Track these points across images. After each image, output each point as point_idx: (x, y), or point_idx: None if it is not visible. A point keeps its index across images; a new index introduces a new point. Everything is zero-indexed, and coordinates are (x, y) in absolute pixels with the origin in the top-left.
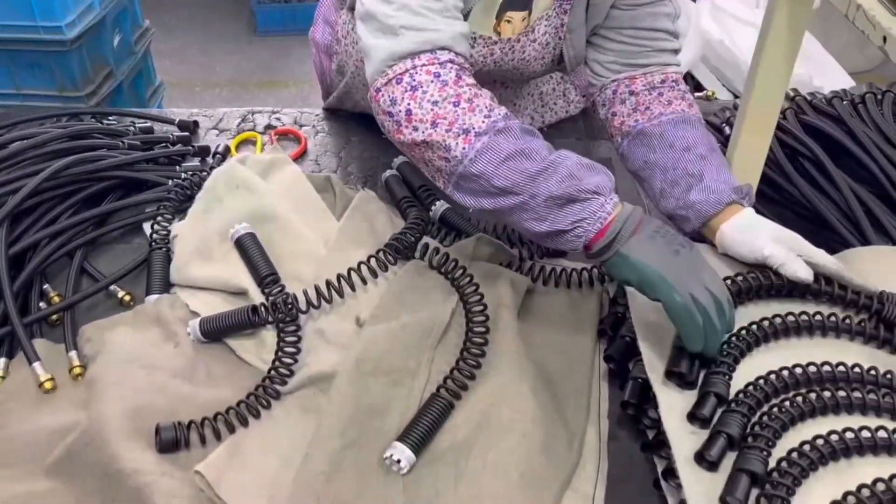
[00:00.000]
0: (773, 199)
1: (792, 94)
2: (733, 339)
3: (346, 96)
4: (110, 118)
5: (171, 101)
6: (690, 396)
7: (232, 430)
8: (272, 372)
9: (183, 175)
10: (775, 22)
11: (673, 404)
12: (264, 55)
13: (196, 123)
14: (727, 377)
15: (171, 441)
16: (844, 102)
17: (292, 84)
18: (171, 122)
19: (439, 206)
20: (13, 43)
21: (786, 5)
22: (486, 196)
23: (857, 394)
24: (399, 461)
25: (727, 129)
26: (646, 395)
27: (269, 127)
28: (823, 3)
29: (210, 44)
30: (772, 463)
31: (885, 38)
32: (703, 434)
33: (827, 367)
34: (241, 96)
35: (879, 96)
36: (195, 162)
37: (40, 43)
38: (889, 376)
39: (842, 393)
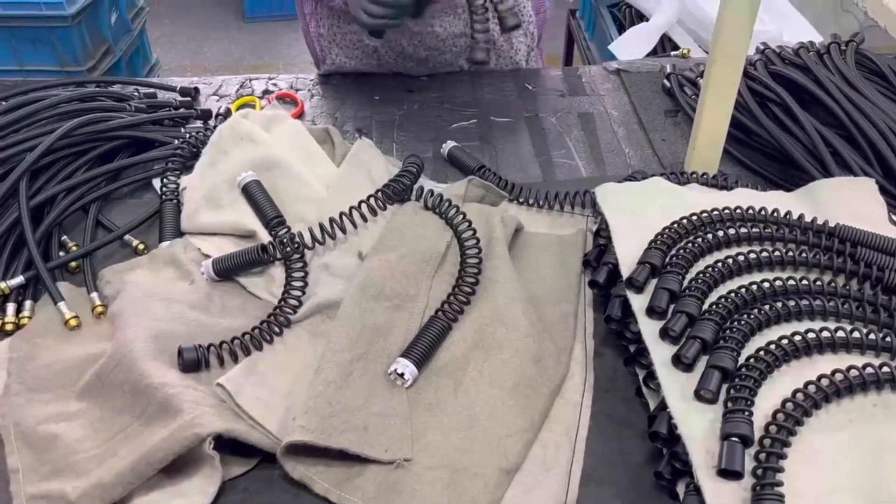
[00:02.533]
0: (744, 142)
1: (762, 47)
2: (700, 275)
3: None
4: (114, 86)
5: None
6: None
7: (248, 352)
8: (283, 302)
9: (188, 134)
10: None
11: (652, 323)
12: (253, 40)
13: (197, 90)
14: (699, 301)
15: (193, 361)
16: (811, 53)
17: (282, 67)
18: (172, 88)
19: (447, 145)
20: (16, 19)
21: None
22: None
23: (818, 302)
24: (403, 374)
25: (700, 81)
26: (628, 312)
27: (266, 92)
28: None
29: (198, 30)
30: (742, 362)
31: None
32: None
33: (791, 281)
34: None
35: (843, 46)
36: (198, 124)
37: (42, 19)
38: (847, 287)
39: (805, 301)
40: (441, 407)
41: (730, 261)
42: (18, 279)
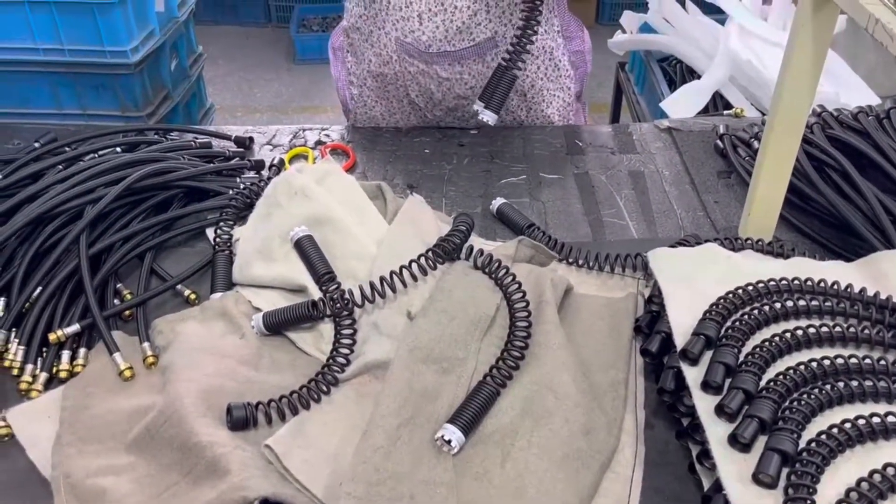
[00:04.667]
0: (801, 207)
1: (819, 110)
2: (757, 349)
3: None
4: (172, 134)
5: (217, 124)
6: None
7: (295, 411)
8: (331, 360)
9: (242, 185)
10: (800, 42)
11: (707, 398)
12: (303, 82)
13: (251, 139)
14: (756, 377)
15: (241, 420)
16: (870, 117)
17: (330, 109)
18: (227, 137)
19: (496, 202)
20: (81, 66)
21: (810, 26)
22: None
23: (882, 383)
24: (450, 441)
25: (755, 144)
26: (681, 384)
27: (318, 143)
28: (850, 30)
29: (250, 71)
30: (802, 445)
31: None
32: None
33: (854, 360)
34: (280, 121)
35: None
36: (251, 174)
37: (106, 66)
38: None
39: (868, 382)
40: (488, 477)
41: (788, 335)
42: (74, 327)
